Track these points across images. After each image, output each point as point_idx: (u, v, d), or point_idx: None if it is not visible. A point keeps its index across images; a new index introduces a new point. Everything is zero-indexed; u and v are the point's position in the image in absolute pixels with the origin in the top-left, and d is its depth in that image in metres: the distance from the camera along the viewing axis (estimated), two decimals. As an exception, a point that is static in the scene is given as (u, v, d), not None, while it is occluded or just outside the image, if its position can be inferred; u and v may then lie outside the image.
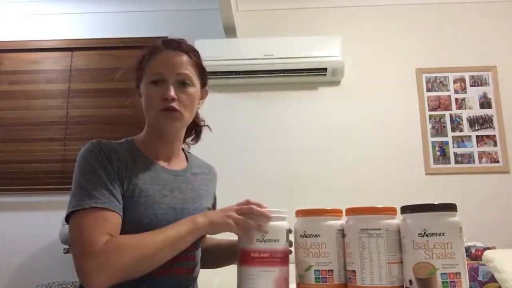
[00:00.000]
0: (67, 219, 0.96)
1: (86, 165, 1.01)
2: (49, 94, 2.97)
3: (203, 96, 1.23)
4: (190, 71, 1.12)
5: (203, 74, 1.20)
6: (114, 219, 0.95)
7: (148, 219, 1.01)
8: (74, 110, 2.94)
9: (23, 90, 2.98)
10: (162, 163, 1.13)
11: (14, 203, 2.76)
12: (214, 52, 2.73)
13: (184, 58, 1.13)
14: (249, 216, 0.93)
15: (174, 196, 1.09)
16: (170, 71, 1.09)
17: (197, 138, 1.32)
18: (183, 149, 1.25)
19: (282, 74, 2.77)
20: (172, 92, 1.06)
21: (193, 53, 1.16)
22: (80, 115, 2.94)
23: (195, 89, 1.13)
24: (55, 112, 2.94)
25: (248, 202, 0.97)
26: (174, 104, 1.07)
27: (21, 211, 2.73)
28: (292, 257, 0.93)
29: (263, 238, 0.88)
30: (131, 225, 0.98)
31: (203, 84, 1.20)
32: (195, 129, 1.30)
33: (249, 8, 3.02)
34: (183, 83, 1.10)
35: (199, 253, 1.16)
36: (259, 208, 0.94)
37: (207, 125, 1.34)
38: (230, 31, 2.82)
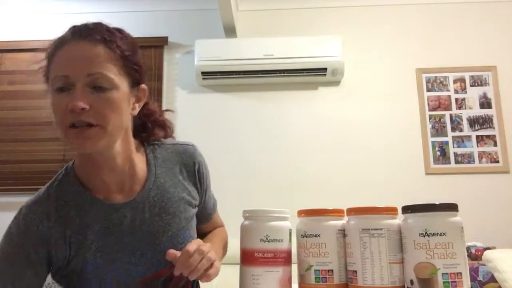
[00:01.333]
0: None
1: (8, 246, 0.86)
2: (49, 94, 2.96)
3: (139, 98, 0.91)
4: (108, 69, 0.81)
5: (134, 69, 0.88)
6: None
7: (113, 280, 0.88)
8: (74, 110, 2.93)
9: (23, 90, 2.98)
10: (112, 196, 0.91)
11: (14, 203, 2.76)
12: (214, 52, 2.73)
13: (100, 49, 0.82)
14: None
15: (136, 240, 0.90)
16: (76, 71, 0.79)
17: (167, 130, 1.03)
18: (143, 145, 0.99)
19: (282, 74, 2.78)
20: (78, 100, 0.77)
21: (114, 41, 0.84)
22: (80, 115, 2.93)
23: (118, 92, 0.82)
24: (55, 112, 2.93)
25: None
26: (86, 118, 0.78)
27: (21, 211, 2.73)
28: (294, 257, 0.93)
29: (267, 238, 0.88)
30: None
31: (135, 83, 0.89)
32: (153, 123, 1.00)
33: (249, 8, 3.02)
34: (98, 87, 0.80)
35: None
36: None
37: (169, 110, 1.07)
38: (230, 31, 2.82)
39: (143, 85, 0.92)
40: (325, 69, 2.74)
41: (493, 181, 2.68)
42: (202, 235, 1.09)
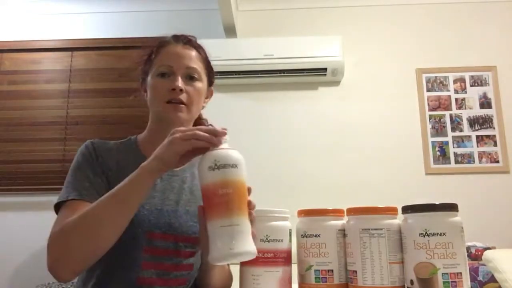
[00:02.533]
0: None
1: (74, 163, 1.04)
2: (49, 94, 2.97)
3: (208, 96, 1.19)
4: (199, 66, 1.11)
5: (211, 73, 1.18)
6: None
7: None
8: (74, 110, 2.94)
9: (23, 90, 2.98)
10: None
11: (14, 203, 2.76)
12: (214, 52, 2.68)
13: (194, 52, 1.12)
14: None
15: (164, 197, 1.06)
16: (179, 64, 1.07)
17: None
18: None
19: (282, 74, 2.78)
20: (180, 83, 1.05)
21: (202, 50, 1.15)
22: (80, 115, 2.94)
23: (202, 84, 1.12)
24: (55, 112, 2.94)
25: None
26: (181, 97, 1.05)
27: (21, 211, 2.73)
28: (294, 257, 0.93)
29: (267, 238, 0.88)
30: None
31: (210, 83, 1.18)
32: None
33: (249, 8, 3.02)
34: (191, 77, 1.08)
35: (196, 262, 1.08)
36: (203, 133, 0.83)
37: (211, 125, 1.18)
38: (230, 31, 2.82)
39: (212, 87, 1.20)
40: (325, 69, 2.74)
41: (493, 181, 2.68)
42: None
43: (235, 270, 1.07)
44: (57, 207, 0.97)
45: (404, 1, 2.97)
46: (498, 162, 2.71)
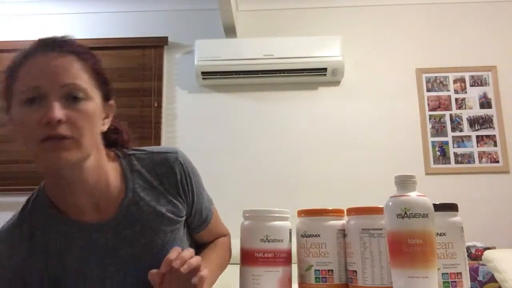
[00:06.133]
0: None
1: None
2: (49, 94, 2.96)
3: (108, 114, 0.88)
4: (83, 80, 0.79)
5: (104, 84, 0.85)
6: None
7: None
8: (74, 110, 2.93)
9: (23, 90, 2.97)
10: (87, 217, 0.85)
11: (14, 203, 2.75)
12: (214, 52, 2.73)
13: (71, 60, 0.79)
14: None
15: (118, 262, 0.86)
16: (50, 82, 0.75)
17: (123, 136, 0.97)
18: (119, 158, 0.92)
19: (282, 74, 2.78)
20: (56, 112, 0.73)
21: (86, 55, 0.82)
22: (80, 115, 2.93)
23: (93, 103, 0.80)
24: (55, 112, 2.93)
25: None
26: (61, 130, 0.74)
27: (21, 211, 2.72)
28: (294, 257, 0.93)
29: (267, 238, 0.88)
30: None
31: (106, 97, 0.86)
32: (116, 133, 0.96)
33: (249, 8, 3.02)
34: (73, 97, 0.77)
35: None
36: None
37: (120, 121, 0.99)
38: (230, 31, 2.82)
39: (111, 101, 0.89)
40: (325, 69, 2.74)
41: (493, 181, 2.68)
42: (201, 246, 1.04)
43: (235, 270, 1.07)
44: None
45: (404, 1, 2.97)
46: (498, 162, 2.71)
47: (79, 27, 3.08)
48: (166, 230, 0.90)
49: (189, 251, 0.82)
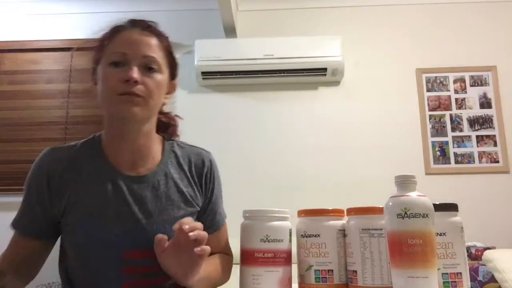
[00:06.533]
0: None
1: (26, 183, 1.01)
2: (49, 94, 2.97)
3: (170, 91, 1.05)
4: (159, 56, 0.97)
5: (174, 64, 1.03)
6: (22, 244, 0.97)
7: (99, 244, 0.92)
8: (74, 110, 2.94)
9: (23, 90, 2.97)
10: (124, 169, 0.99)
11: (14, 203, 2.75)
12: (214, 52, 2.73)
13: (153, 40, 0.97)
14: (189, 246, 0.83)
15: (132, 211, 0.95)
16: (134, 52, 0.93)
17: (175, 130, 1.14)
18: (164, 140, 1.08)
19: (282, 74, 2.78)
20: (135, 74, 0.91)
21: (164, 38, 1.01)
22: (80, 115, 2.93)
23: (162, 76, 0.97)
24: (55, 112, 2.94)
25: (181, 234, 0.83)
26: (136, 89, 0.91)
27: (21, 211, 2.72)
28: (294, 257, 0.93)
29: (267, 238, 0.88)
30: (78, 250, 0.94)
31: (172, 77, 1.04)
32: (167, 128, 1.12)
33: (249, 8, 3.02)
34: (149, 68, 0.94)
35: None
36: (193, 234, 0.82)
37: (176, 115, 1.17)
38: (230, 31, 2.82)
39: (175, 81, 1.06)
40: (325, 69, 2.74)
41: (493, 181, 2.68)
42: None
43: (235, 270, 1.07)
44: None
45: (404, 1, 2.97)
46: (498, 162, 2.71)
47: (79, 27, 3.08)
48: (181, 207, 1.00)
49: (200, 224, 0.88)
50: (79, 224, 0.93)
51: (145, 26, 0.98)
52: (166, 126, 1.11)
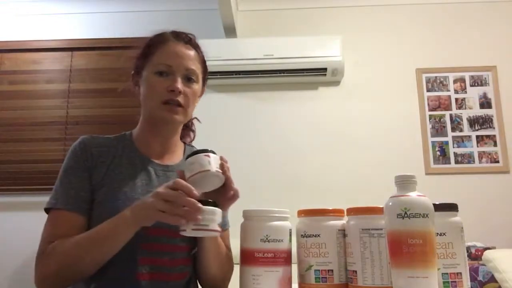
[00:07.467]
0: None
1: (64, 165, 1.06)
2: (49, 94, 2.97)
3: (200, 95, 1.20)
4: (197, 68, 1.11)
5: (206, 73, 1.18)
6: (73, 220, 1.00)
7: None
8: (74, 110, 2.94)
9: (23, 90, 2.98)
10: (154, 158, 1.11)
11: (14, 203, 2.76)
12: (214, 52, 2.72)
13: (193, 53, 1.11)
14: (177, 204, 0.84)
15: None
16: (178, 64, 1.06)
17: (191, 134, 1.28)
18: (184, 143, 1.23)
19: (282, 74, 2.77)
20: (180, 85, 1.04)
21: (200, 50, 1.15)
22: (80, 115, 2.94)
23: (198, 85, 1.12)
24: (55, 112, 2.94)
25: (175, 187, 0.85)
26: (180, 98, 1.05)
27: (21, 211, 2.73)
28: (294, 257, 0.93)
29: (267, 238, 0.88)
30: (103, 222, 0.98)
31: (203, 82, 1.19)
32: (188, 126, 1.26)
33: (249, 8, 3.02)
34: (189, 78, 1.08)
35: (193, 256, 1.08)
36: (187, 199, 0.83)
37: (195, 118, 1.29)
38: (230, 31, 2.82)
39: (205, 86, 1.20)
40: (325, 69, 2.74)
41: (493, 181, 2.68)
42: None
43: (235, 270, 1.07)
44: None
45: (404, 1, 2.97)
46: (498, 162, 2.71)
47: (79, 27, 3.08)
48: None
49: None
50: (110, 198, 1.01)
51: (187, 40, 1.11)
52: (188, 129, 1.26)
